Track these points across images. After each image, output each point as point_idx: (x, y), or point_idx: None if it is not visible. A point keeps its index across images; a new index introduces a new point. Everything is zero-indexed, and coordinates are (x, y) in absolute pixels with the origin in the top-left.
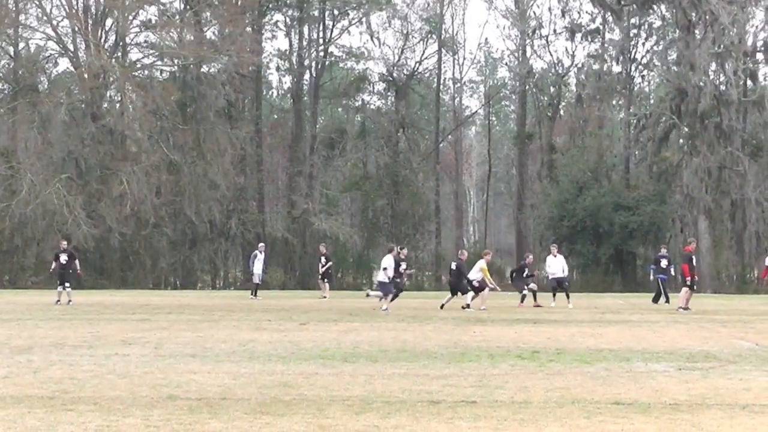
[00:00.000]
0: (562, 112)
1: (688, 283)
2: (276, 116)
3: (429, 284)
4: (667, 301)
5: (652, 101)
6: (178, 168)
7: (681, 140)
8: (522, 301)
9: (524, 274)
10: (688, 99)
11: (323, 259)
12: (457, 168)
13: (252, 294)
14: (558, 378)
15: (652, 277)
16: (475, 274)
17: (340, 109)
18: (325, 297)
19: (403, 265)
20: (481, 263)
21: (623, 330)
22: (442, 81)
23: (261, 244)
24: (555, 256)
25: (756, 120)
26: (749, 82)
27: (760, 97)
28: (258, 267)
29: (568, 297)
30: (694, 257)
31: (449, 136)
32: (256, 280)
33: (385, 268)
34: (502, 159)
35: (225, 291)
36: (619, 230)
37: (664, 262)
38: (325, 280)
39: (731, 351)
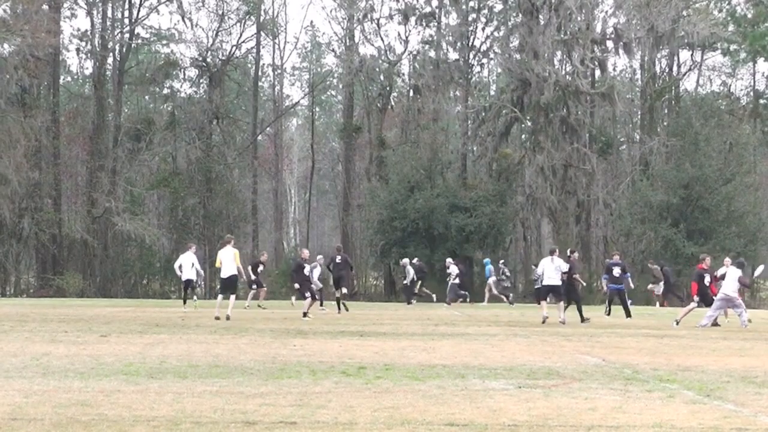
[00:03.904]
0: (393, 103)
1: (695, 299)
2: (75, 104)
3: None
4: (608, 313)
5: (492, 92)
6: None
7: (523, 135)
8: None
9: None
10: (531, 90)
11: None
12: (277, 163)
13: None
14: (386, 396)
15: (605, 289)
16: None
17: (147, 97)
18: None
19: None
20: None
21: (458, 344)
22: (261, 67)
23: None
24: None
25: (605, 114)
26: (597, 72)
27: (610, 89)
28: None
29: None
30: (707, 275)
31: (268, 129)
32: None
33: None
34: (326, 154)
35: (16, 299)
36: (456, 234)
37: (616, 271)
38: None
39: (576, 367)
